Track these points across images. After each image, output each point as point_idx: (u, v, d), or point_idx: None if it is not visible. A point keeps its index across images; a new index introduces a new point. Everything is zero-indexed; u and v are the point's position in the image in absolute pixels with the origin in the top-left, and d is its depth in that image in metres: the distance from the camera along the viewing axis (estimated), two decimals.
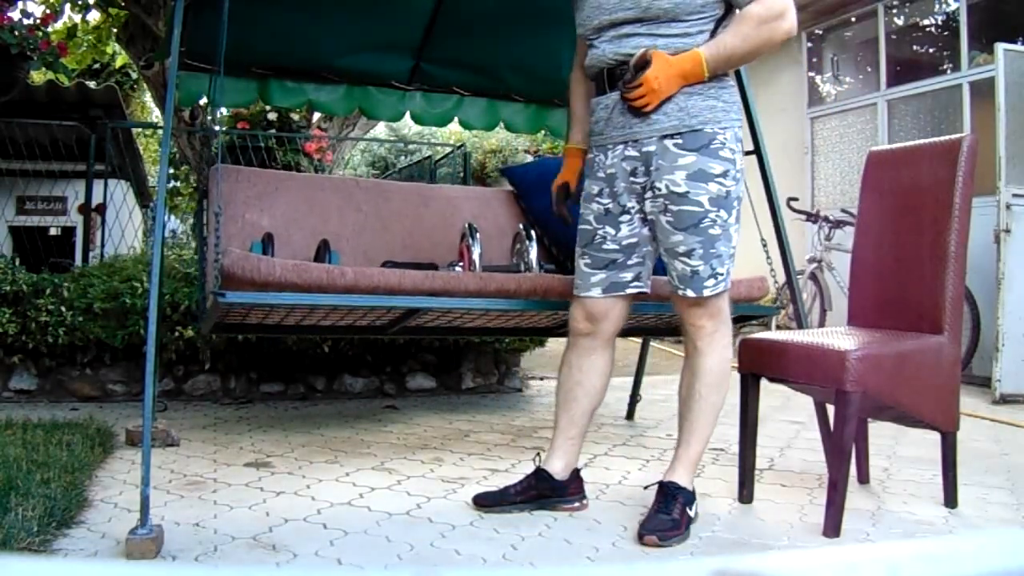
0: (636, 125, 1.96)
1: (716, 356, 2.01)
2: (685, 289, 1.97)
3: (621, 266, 2.05)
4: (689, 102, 1.92)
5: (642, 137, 1.95)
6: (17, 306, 3.52)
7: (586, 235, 2.09)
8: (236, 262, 2.15)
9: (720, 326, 2.02)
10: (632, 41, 1.94)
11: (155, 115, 10.82)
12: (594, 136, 2.09)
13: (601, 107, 2.05)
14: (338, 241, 3.08)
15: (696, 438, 2.03)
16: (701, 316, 1.99)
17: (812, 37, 6.62)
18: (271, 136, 5.83)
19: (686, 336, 2.05)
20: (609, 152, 2.03)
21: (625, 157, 1.99)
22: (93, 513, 2.02)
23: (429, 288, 2.36)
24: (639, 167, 1.98)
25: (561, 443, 2.14)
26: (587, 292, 2.08)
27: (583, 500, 2.15)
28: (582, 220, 2.11)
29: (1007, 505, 2.24)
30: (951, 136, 2.20)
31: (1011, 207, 4.12)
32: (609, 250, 2.05)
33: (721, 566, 0.38)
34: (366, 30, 3.29)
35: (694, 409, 2.02)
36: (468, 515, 2.07)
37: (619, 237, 2.04)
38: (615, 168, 2.01)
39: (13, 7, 4.18)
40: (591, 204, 2.08)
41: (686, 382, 2.05)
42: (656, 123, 1.93)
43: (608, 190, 2.03)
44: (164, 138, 2.16)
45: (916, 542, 0.45)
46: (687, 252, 1.94)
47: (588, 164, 2.13)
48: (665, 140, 1.93)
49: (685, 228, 1.93)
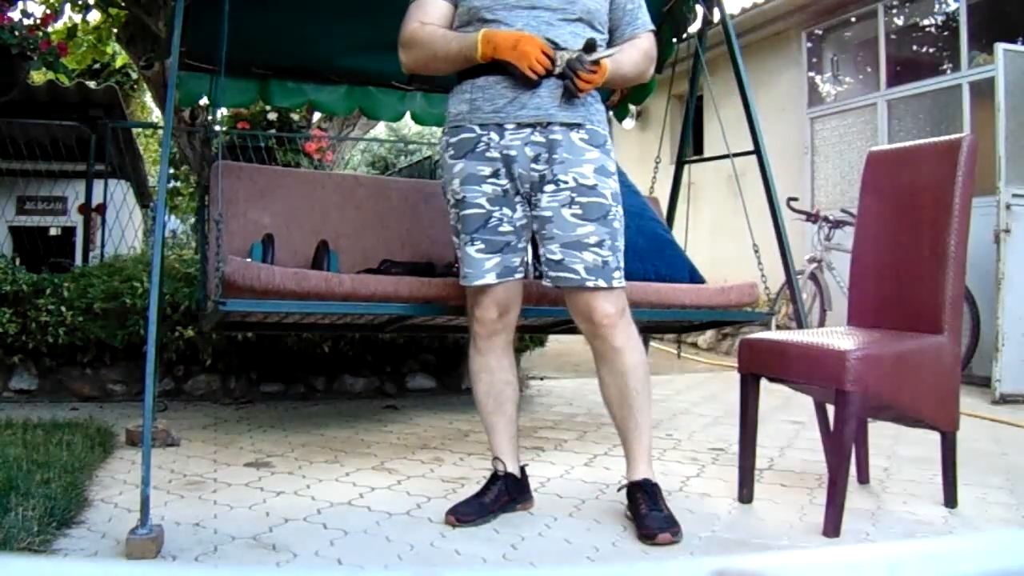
0: (551, 111, 1.94)
1: (637, 350, 2.01)
2: (596, 279, 1.93)
3: (512, 249, 2.03)
4: (592, 102, 2.00)
5: (554, 123, 1.94)
6: (17, 306, 3.52)
7: (477, 219, 2.00)
8: (237, 270, 2.19)
9: (630, 321, 2.01)
10: (555, 30, 1.93)
11: (155, 115, 10.83)
12: (478, 113, 1.97)
13: (501, 85, 1.95)
14: (337, 239, 3.09)
15: (644, 431, 2.03)
16: (611, 312, 1.95)
17: (812, 37, 6.62)
18: (271, 136, 5.83)
19: (597, 339, 1.99)
20: (507, 132, 1.96)
21: (530, 141, 1.95)
22: (93, 513, 2.02)
23: (424, 296, 2.38)
24: (543, 154, 1.95)
25: (508, 444, 2.12)
26: (482, 279, 2.01)
27: (532, 497, 2.16)
28: (468, 205, 2.00)
29: (1007, 505, 2.24)
30: (951, 136, 2.20)
31: (1011, 207, 4.12)
32: (505, 232, 2.01)
33: (721, 566, 0.38)
34: (366, 30, 3.29)
35: (634, 407, 2.01)
36: None
37: (515, 219, 2.01)
38: (515, 150, 1.95)
39: (13, 7, 4.18)
40: (481, 186, 1.98)
41: (615, 384, 2.01)
42: (570, 112, 1.95)
43: (504, 171, 1.98)
44: (164, 138, 2.17)
45: (916, 542, 0.45)
46: (598, 243, 1.94)
47: (468, 143, 1.99)
48: (572, 132, 1.95)
49: (595, 219, 1.94)
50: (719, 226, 6.46)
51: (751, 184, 3.05)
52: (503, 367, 2.10)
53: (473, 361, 2.12)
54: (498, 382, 2.10)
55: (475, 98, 1.98)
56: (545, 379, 4.70)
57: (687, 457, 2.78)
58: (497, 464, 2.11)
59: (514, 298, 2.08)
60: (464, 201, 2.01)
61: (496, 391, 2.10)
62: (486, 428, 2.15)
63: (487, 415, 2.13)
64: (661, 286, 2.78)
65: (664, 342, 6.33)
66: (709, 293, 2.89)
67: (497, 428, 2.12)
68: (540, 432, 3.20)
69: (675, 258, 3.06)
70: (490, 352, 2.09)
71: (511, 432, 2.13)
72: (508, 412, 2.12)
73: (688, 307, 2.81)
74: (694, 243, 3.41)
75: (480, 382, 2.11)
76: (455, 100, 2.05)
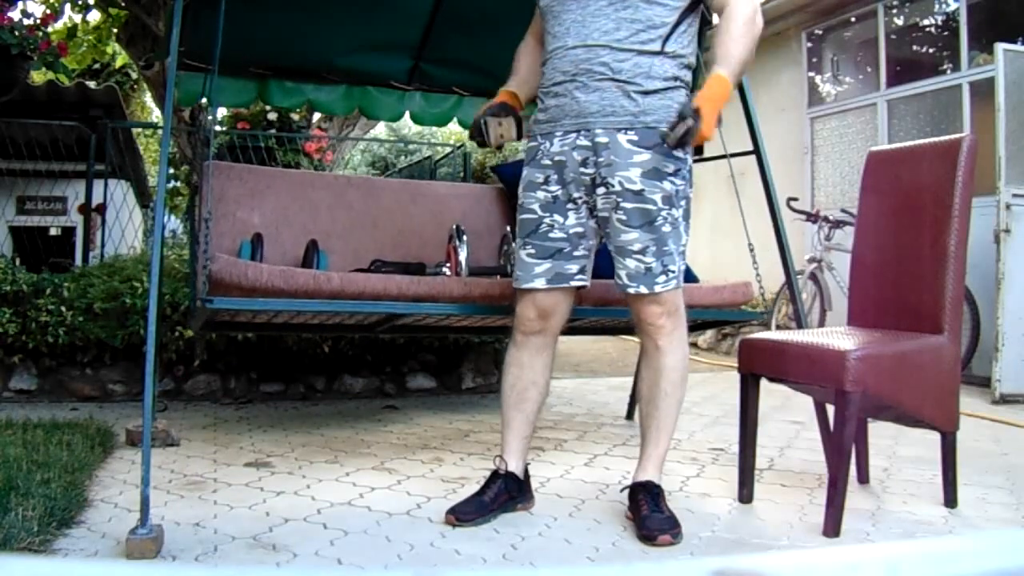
0: (591, 115, 1.95)
1: (678, 353, 2.02)
2: (638, 286, 1.96)
3: (567, 256, 2.03)
4: (645, 100, 1.94)
5: (595, 127, 1.95)
6: (17, 306, 3.52)
7: (530, 224, 2.05)
8: (224, 268, 2.17)
9: (678, 323, 2.03)
10: (595, 24, 1.93)
11: (155, 115, 10.83)
12: (540, 124, 2.05)
13: (553, 95, 2.01)
14: (328, 239, 3.08)
15: (664, 435, 2.04)
16: (659, 314, 1.98)
17: (812, 37, 6.62)
18: (271, 136, 5.83)
19: (644, 336, 2.03)
20: (556, 140, 2.00)
21: (576, 146, 1.97)
22: (93, 513, 2.02)
23: (414, 294, 2.38)
24: (590, 157, 1.96)
25: (518, 443, 2.12)
26: (530, 283, 2.04)
27: (533, 497, 2.16)
28: (524, 210, 2.06)
29: (1007, 505, 2.24)
30: (951, 136, 2.20)
31: (1011, 207, 4.12)
32: (556, 239, 2.03)
33: (721, 566, 0.38)
34: (366, 30, 3.30)
35: (661, 407, 2.02)
36: None
37: (567, 225, 2.02)
38: (564, 156, 1.98)
39: (13, 7, 4.18)
40: (535, 192, 2.04)
41: (649, 380, 2.04)
42: (612, 115, 1.94)
43: (556, 177, 2.01)
44: (164, 138, 2.16)
45: (916, 542, 0.45)
46: (641, 250, 1.95)
47: (529, 152, 2.09)
48: (619, 134, 1.94)
49: (639, 226, 1.94)
50: (719, 226, 6.46)
51: (751, 184, 3.05)
52: (535, 366, 2.11)
53: (509, 353, 2.15)
54: (524, 379, 2.11)
55: (539, 109, 2.07)
56: None
57: (687, 457, 2.78)
58: (499, 462, 2.11)
59: (558, 304, 2.08)
60: (522, 206, 2.08)
61: (521, 387, 2.11)
62: (503, 420, 2.16)
63: (506, 408, 2.14)
64: None
65: None
66: (703, 292, 2.88)
67: (512, 424, 2.13)
68: (540, 432, 3.20)
69: None
70: (525, 348, 2.11)
71: (525, 432, 2.13)
72: (527, 411, 2.11)
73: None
74: (694, 243, 3.40)
75: (509, 375, 2.13)
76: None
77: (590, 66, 1.93)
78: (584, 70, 1.94)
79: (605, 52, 1.92)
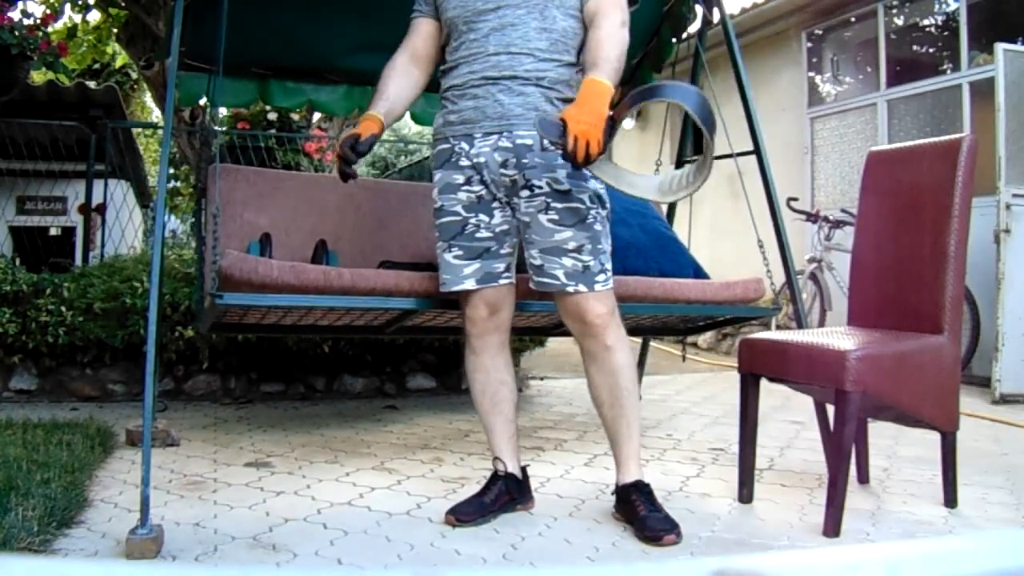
0: (515, 117, 1.95)
1: (626, 348, 2.02)
2: (577, 284, 1.94)
3: (495, 255, 2.04)
4: (562, 106, 1.92)
5: (517, 129, 1.95)
6: (17, 306, 3.52)
7: (454, 226, 2.03)
8: (234, 264, 2.16)
9: (619, 320, 2.02)
10: (517, 32, 1.94)
11: (155, 115, 10.82)
12: (454, 125, 2.02)
13: (469, 97, 1.99)
14: (336, 241, 3.08)
15: (635, 431, 2.04)
16: (604, 313, 1.96)
17: (812, 37, 6.62)
18: (271, 136, 5.83)
19: (588, 338, 1.99)
20: (476, 141, 1.99)
21: (497, 147, 1.97)
22: (93, 513, 2.02)
23: (425, 290, 2.37)
24: (511, 159, 1.96)
25: (507, 445, 2.12)
26: (460, 285, 2.04)
27: (533, 498, 2.16)
28: (445, 212, 2.04)
29: (1007, 505, 2.24)
30: (951, 136, 2.20)
31: (1011, 207, 4.12)
32: (483, 238, 2.02)
33: (721, 566, 0.38)
34: (366, 30, 3.29)
35: (626, 405, 2.01)
36: None
37: (493, 224, 2.02)
38: (485, 157, 1.98)
39: (13, 7, 4.18)
40: (455, 194, 2.02)
41: (606, 383, 2.00)
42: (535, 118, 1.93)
43: (477, 178, 2.00)
44: (164, 138, 2.16)
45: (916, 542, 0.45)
46: (577, 248, 1.94)
47: (441, 154, 2.05)
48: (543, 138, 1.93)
49: (572, 224, 1.94)
50: (719, 226, 6.46)
51: (751, 184, 3.05)
52: (498, 367, 2.11)
53: (468, 361, 2.13)
54: (493, 382, 2.10)
55: (447, 111, 2.04)
56: (545, 379, 4.71)
57: (687, 457, 2.78)
58: (497, 464, 2.11)
59: (503, 299, 2.08)
60: (442, 209, 2.05)
61: (491, 391, 2.10)
62: (484, 428, 2.16)
63: (484, 415, 2.13)
64: (665, 281, 2.76)
65: (667, 342, 6.33)
66: (714, 288, 2.87)
67: (495, 428, 2.12)
68: (540, 432, 3.20)
69: (679, 255, 3.05)
70: (484, 351, 2.10)
71: (509, 432, 2.13)
72: (505, 412, 2.12)
73: (693, 302, 2.79)
74: (694, 243, 3.41)
75: (475, 382, 2.12)
76: (436, 115, 2.11)
77: (515, 72, 1.94)
78: (508, 75, 1.95)
79: (529, 60, 1.95)
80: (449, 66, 2.06)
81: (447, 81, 2.06)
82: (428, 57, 2.14)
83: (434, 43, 2.13)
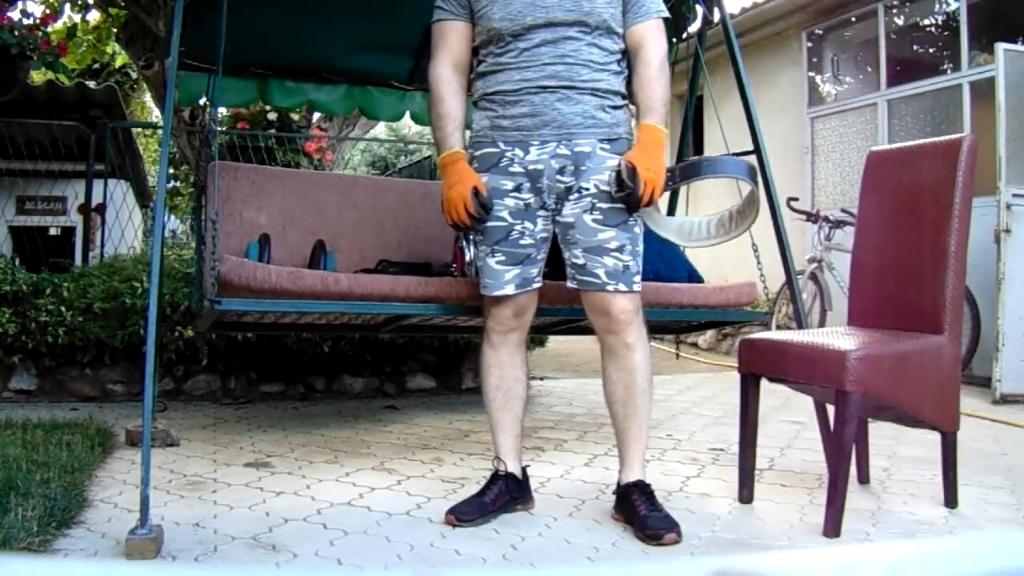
0: (574, 127, 1.99)
1: (646, 350, 2.05)
2: (617, 284, 1.98)
3: (532, 261, 2.07)
4: (615, 113, 2.04)
5: (576, 138, 1.99)
6: (17, 306, 3.52)
7: (499, 232, 2.04)
8: (233, 269, 2.18)
9: (643, 322, 2.06)
10: (570, 45, 1.97)
11: (155, 115, 10.82)
12: (506, 131, 2.02)
13: (525, 104, 1.99)
14: (335, 239, 3.09)
15: (645, 431, 2.06)
16: (632, 311, 2.01)
17: (812, 37, 6.62)
18: (271, 136, 5.83)
19: (611, 335, 2.02)
20: (532, 148, 2.00)
21: (556, 155, 1.99)
22: (93, 513, 2.02)
23: (421, 295, 2.38)
24: (568, 166, 1.99)
25: (511, 444, 2.12)
26: (501, 291, 2.06)
27: (533, 498, 2.17)
28: (491, 217, 2.03)
29: (1007, 505, 2.24)
30: (951, 136, 2.20)
31: (1011, 207, 4.12)
32: (525, 245, 2.05)
33: (721, 566, 0.38)
34: (366, 30, 3.29)
35: (640, 404, 2.03)
36: None
37: (535, 232, 2.05)
38: (542, 164, 2.00)
39: (13, 7, 4.18)
40: (503, 200, 2.02)
41: (623, 380, 2.03)
42: (593, 127, 2.00)
43: (528, 185, 2.01)
44: (164, 138, 2.16)
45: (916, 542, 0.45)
46: (619, 248, 1.98)
47: (491, 158, 2.04)
48: (599, 143, 2.00)
49: (616, 225, 1.98)
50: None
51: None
52: (515, 364, 2.12)
53: (485, 356, 2.14)
54: (508, 378, 2.11)
55: (496, 115, 2.04)
56: (545, 379, 4.70)
57: (687, 457, 2.78)
58: (498, 464, 2.11)
59: (530, 302, 2.12)
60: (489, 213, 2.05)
61: (506, 386, 2.11)
62: (491, 425, 2.15)
63: (494, 411, 2.13)
64: (659, 285, 2.77)
65: (664, 342, 6.33)
66: (707, 292, 2.89)
67: (503, 426, 2.12)
68: (540, 432, 3.20)
69: (673, 258, 3.06)
70: (503, 347, 2.11)
71: (515, 431, 2.13)
72: (515, 409, 2.12)
73: (686, 306, 2.81)
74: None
75: (491, 376, 2.12)
76: (478, 116, 2.10)
77: (572, 82, 1.98)
78: (566, 85, 1.97)
79: (585, 71, 1.99)
80: (492, 69, 2.04)
81: (490, 84, 2.04)
82: (468, 63, 2.13)
83: (469, 46, 2.12)
